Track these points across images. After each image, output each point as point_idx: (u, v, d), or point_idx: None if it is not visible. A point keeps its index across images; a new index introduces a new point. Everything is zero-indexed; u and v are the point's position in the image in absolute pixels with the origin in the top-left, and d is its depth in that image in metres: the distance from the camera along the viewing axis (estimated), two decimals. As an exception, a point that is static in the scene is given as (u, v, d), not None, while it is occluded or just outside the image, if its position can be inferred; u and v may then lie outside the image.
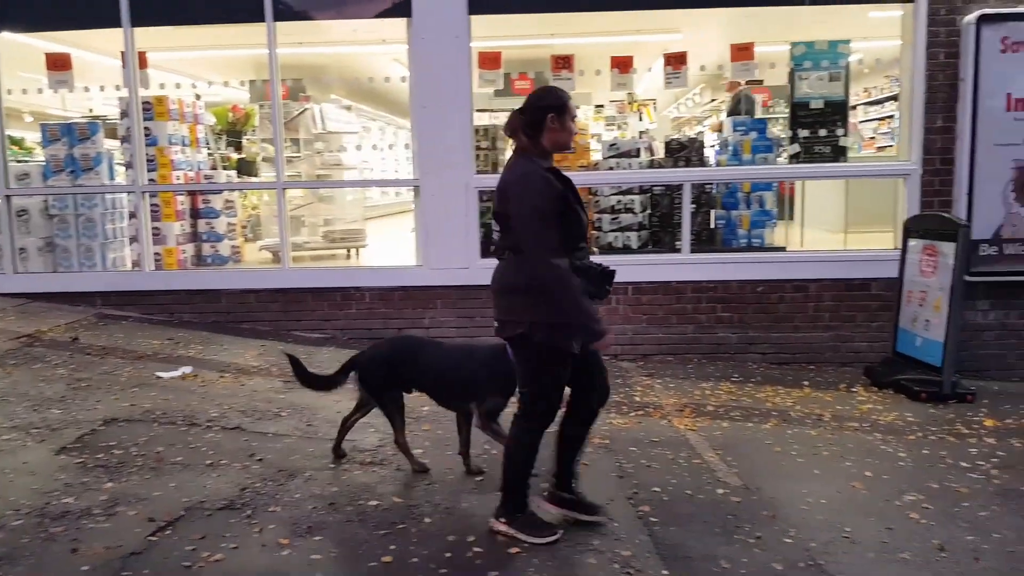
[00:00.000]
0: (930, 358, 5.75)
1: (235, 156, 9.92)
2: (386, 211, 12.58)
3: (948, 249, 5.71)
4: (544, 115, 3.10)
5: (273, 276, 7.02)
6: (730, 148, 7.42)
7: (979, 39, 6.10)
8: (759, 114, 8.63)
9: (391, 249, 9.12)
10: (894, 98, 9.95)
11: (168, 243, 7.48)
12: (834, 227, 8.82)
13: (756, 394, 5.74)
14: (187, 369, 5.57)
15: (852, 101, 9.13)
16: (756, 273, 6.65)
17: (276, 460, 4.07)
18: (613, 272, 3.21)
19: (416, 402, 4.41)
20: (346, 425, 4.10)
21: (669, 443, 4.63)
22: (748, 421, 5.12)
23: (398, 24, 6.71)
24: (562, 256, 3.02)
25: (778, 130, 7.55)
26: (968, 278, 6.00)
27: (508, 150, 8.86)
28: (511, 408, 3.45)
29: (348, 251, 8.89)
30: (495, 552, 3.18)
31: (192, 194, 7.93)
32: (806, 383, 6.09)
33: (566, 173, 3.27)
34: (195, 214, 7.98)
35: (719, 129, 9.62)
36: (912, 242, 6.14)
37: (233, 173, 9.41)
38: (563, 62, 7.01)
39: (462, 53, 6.51)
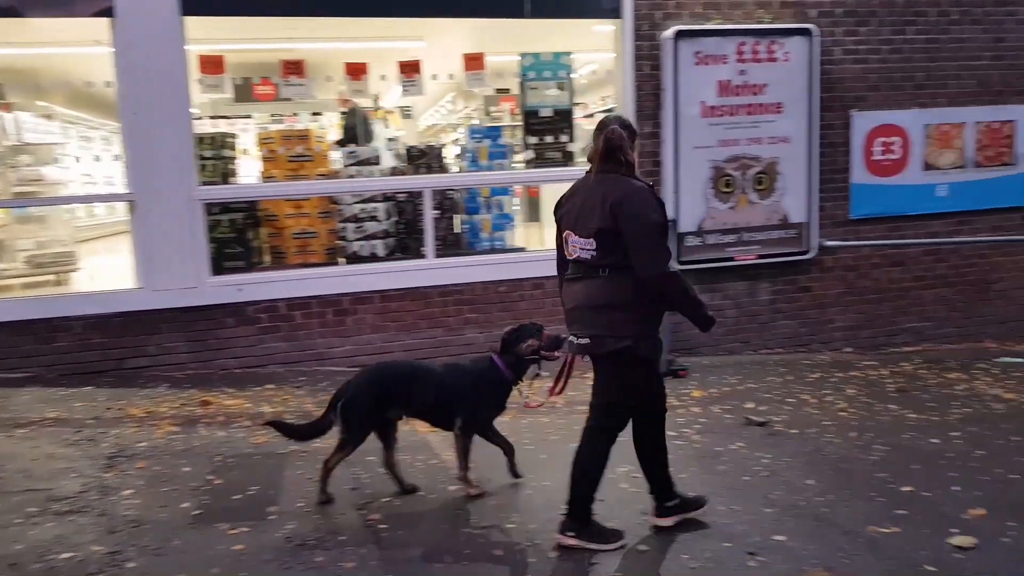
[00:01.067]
0: (649, 342, 6.29)
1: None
2: (111, 230, 11.47)
3: (658, 242, 6.28)
4: (634, 137, 3.35)
5: (-42, 311, 6.08)
6: (468, 154, 7.63)
7: (677, 52, 6.77)
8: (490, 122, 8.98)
9: (109, 271, 8.31)
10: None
11: None
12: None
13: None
14: None
15: (583, 110, 9.75)
16: (498, 274, 6.88)
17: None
18: None
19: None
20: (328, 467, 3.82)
21: (408, 447, 4.63)
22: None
23: (102, 24, 6.13)
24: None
25: (510, 136, 7.91)
26: (679, 267, 6.63)
27: (240, 158, 8.66)
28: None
29: (57, 277, 7.93)
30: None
31: None
32: (546, 373, 6.37)
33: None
34: None
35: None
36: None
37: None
38: (293, 67, 6.82)
39: (177, 56, 6.07)
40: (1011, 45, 7.42)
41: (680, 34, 6.77)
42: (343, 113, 8.88)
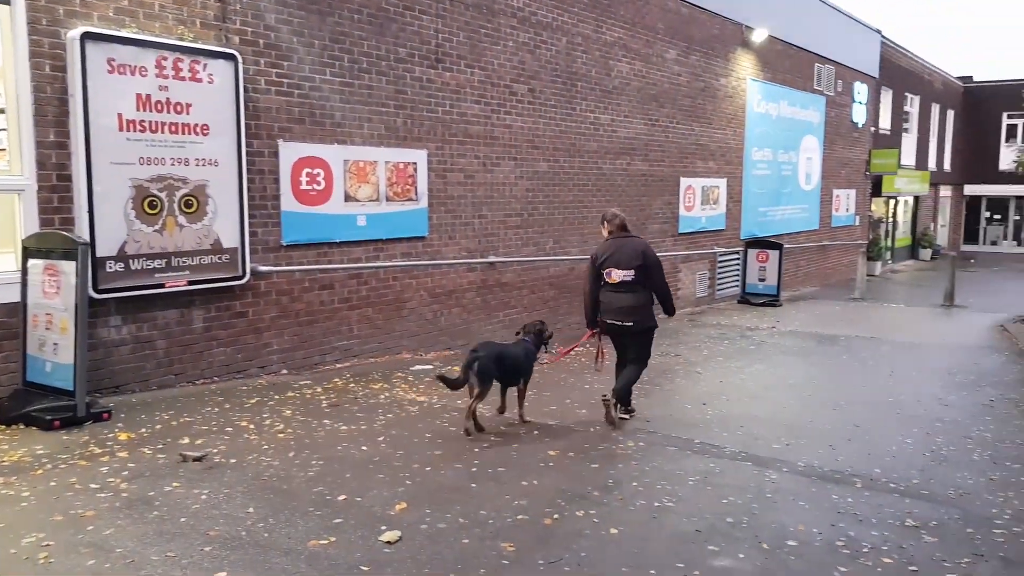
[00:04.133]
0: (62, 383, 5.43)
1: None
2: None
3: (70, 268, 5.47)
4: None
5: None
6: None
7: (85, 56, 6.00)
8: None
9: None
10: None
11: None
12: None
13: None
14: None
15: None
16: None
17: None
18: None
19: None
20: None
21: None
22: None
23: None
24: None
25: None
26: (96, 295, 5.91)
27: None
28: None
29: None
30: None
31: None
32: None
33: None
34: None
35: None
36: (33, 262, 5.69)
37: None
38: None
39: None
40: (410, 97, 8.58)
41: (88, 36, 6.02)
42: None
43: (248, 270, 7.08)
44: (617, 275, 6.15)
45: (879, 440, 5.94)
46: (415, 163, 8.68)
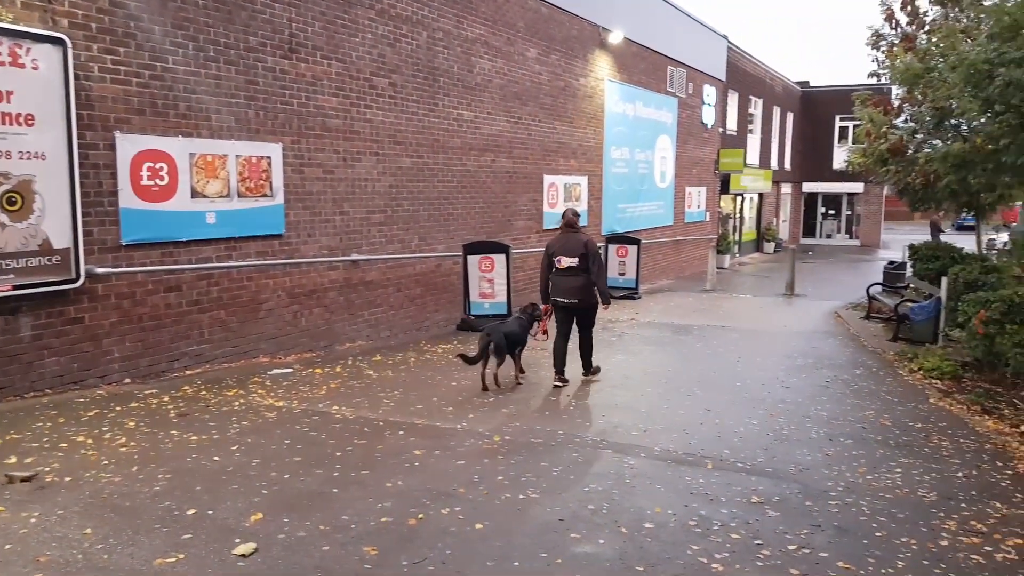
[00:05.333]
0: None
1: None
2: None
3: None
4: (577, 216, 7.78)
5: None
6: None
7: None
8: None
9: None
10: None
11: None
12: None
13: None
14: None
15: None
16: None
17: None
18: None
19: None
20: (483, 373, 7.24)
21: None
22: None
23: None
24: None
25: None
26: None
27: None
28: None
29: None
30: None
31: None
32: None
33: None
34: None
35: None
36: None
37: None
38: None
39: None
40: (262, 88, 8.21)
41: None
42: None
43: (83, 272, 6.54)
44: (565, 262, 7.44)
45: (728, 423, 6.26)
46: (269, 157, 8.33)
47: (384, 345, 9.63)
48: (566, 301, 7.49)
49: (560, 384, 7.39)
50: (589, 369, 7.78)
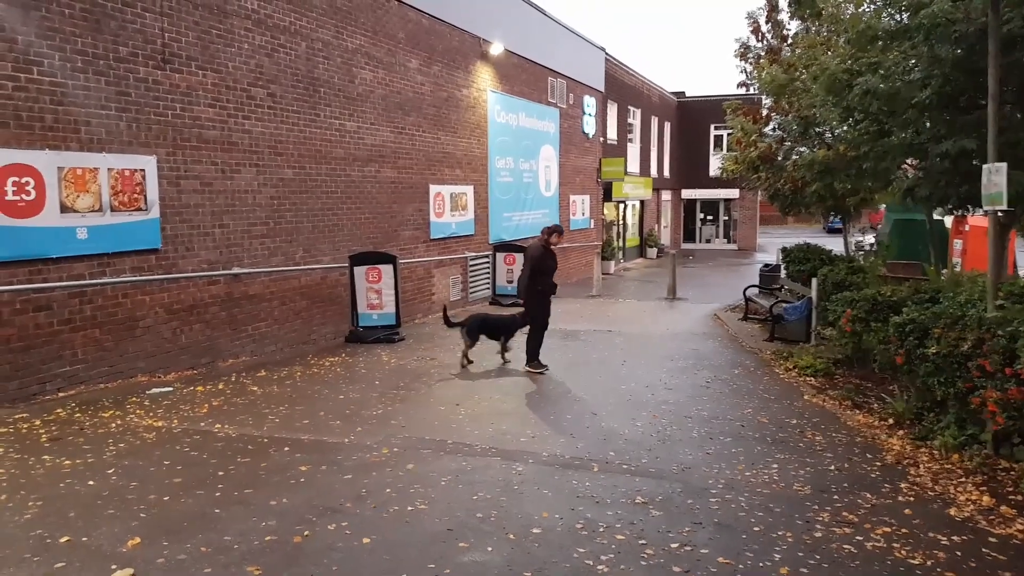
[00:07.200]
0: None
1: None
2: None
3: None
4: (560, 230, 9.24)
5: None
6: None
7: None
8: None
9: None
10: None
11: None
12: None
13: None
14: None
15: None
16: None
17: None
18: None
19: None
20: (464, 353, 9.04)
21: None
22: None
23: None
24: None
25: None
26: None
27: None
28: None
29: None
30: None
31: None
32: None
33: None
34: None
35: None
36: None
37: None
38: None
39: None
40: (134, 100, 7.91)
41: None
42: None
43: (-62, 294, 6.14)
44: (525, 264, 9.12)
45: (614, 426, 6.52)
46: (143, 170, 8.04)
47: (269, 360, 9.44)
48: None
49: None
50: (532, 363, 9.04)
